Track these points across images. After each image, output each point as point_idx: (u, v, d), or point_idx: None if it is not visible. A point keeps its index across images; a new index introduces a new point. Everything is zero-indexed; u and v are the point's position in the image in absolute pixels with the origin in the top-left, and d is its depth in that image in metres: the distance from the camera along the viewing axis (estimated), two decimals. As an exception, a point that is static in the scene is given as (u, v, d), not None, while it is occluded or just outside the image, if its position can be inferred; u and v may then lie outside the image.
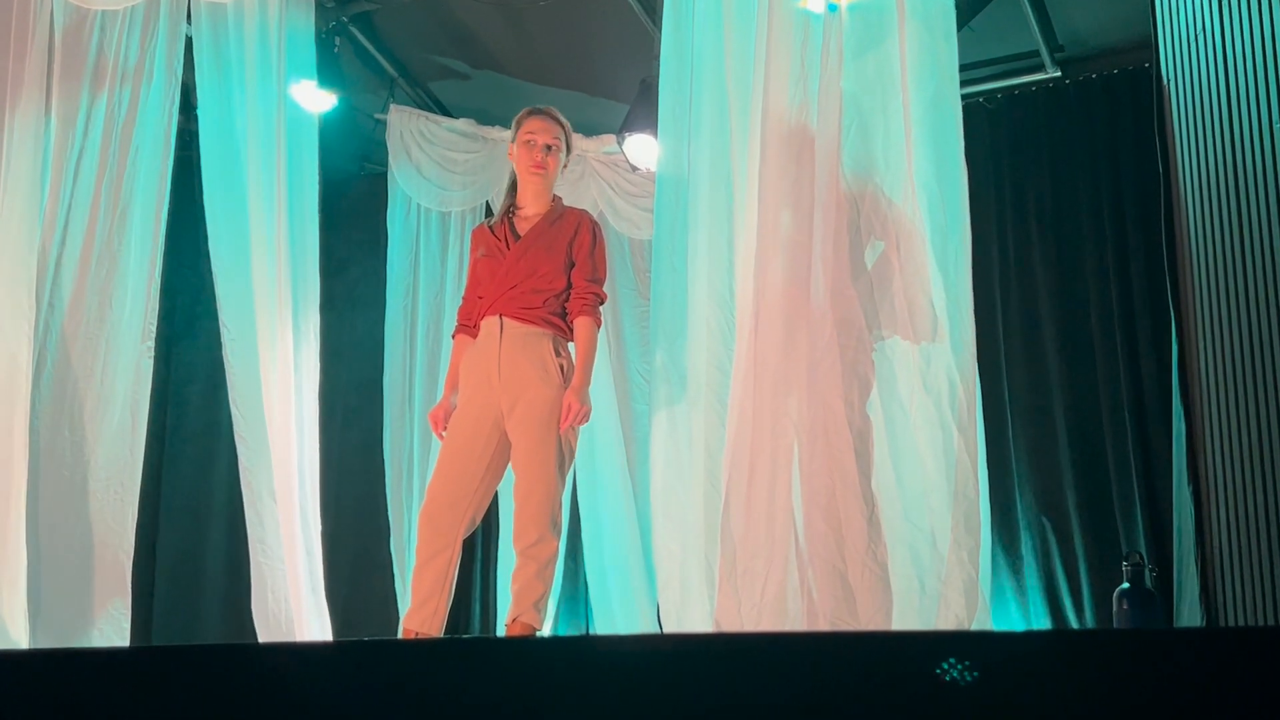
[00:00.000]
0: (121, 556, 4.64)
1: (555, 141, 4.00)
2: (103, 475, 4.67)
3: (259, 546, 4.74)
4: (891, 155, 3.79)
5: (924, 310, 3.69)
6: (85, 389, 4.69)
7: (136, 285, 4.80)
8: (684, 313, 4.08)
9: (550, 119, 4.02)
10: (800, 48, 3.84)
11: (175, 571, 6.66)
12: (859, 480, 3.51)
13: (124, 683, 2.23)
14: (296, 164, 4.93)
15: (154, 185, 4.84)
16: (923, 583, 3.53)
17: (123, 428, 4.72)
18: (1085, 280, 5.57)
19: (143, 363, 4.78)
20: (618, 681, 2.01)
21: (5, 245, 4.55)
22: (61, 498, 4.60)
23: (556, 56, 5.99)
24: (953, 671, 1.84)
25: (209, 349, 5.37)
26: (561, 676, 2.07)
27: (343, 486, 6.18)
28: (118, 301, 4.76)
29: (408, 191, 6.28)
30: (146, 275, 4.81)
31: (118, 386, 4.73)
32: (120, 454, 4.70)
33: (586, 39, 5.84)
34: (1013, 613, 5.34)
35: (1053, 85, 5.79)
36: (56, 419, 4.64)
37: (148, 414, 4.82)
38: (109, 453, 4.69)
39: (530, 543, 3.73)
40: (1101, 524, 5.32)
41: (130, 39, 4.87)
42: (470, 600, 6.23)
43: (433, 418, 4.01)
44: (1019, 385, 5.60)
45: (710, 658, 2.00)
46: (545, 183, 4.01)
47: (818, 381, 3.58)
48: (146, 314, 4.80)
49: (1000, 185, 5.83)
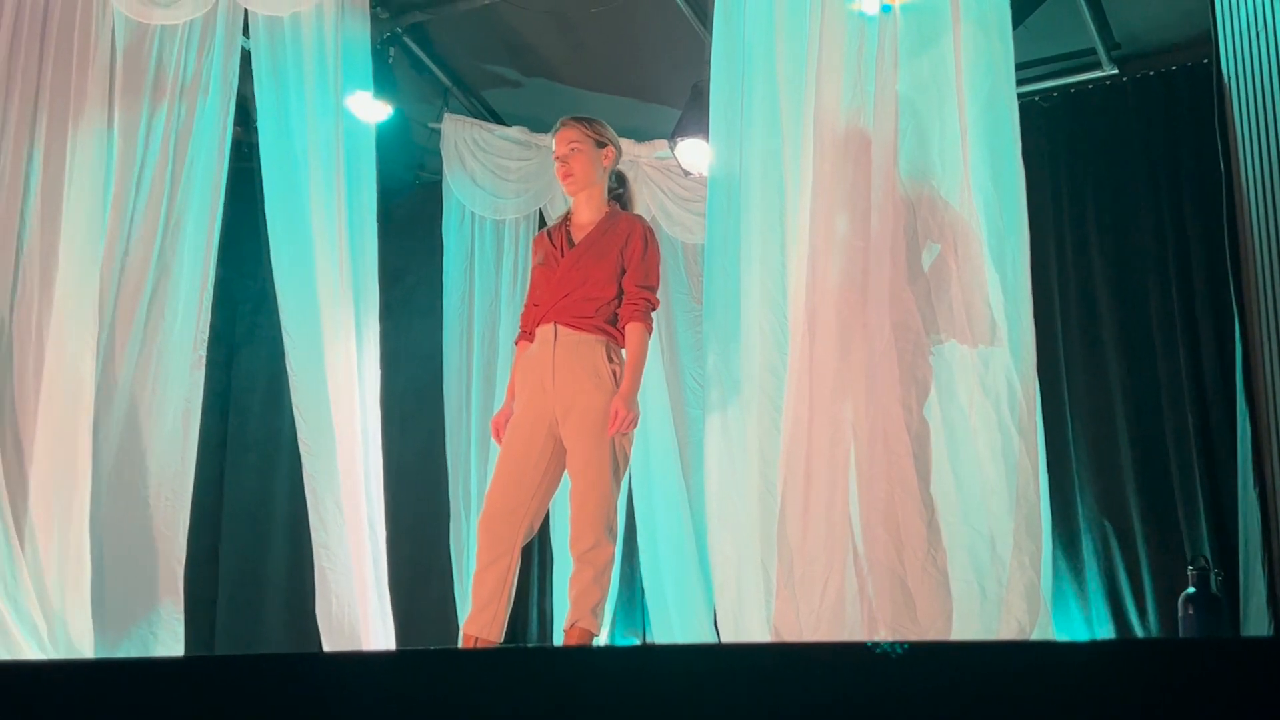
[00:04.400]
0: (174, 564, 4.71)
1: (573, 145, 4.03)
2: (154, 483, 4.73)
3: (323, 552, 4.78)
4: (948, 157, 3.76)
5: (981, 313, 3.66)
6: (139, 398, 4.76)
7: (189, 294, 4.86)
8: (737, 317, 4.07)
9: (563, 127, 4.06)
10: (855, 50, 3.81)
11: (237, 579, 6.74)
12: (918, 485, 3.48)
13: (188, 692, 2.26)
14: (354, 174, 4.97)
15: (208, 196, 4.91)
16: (983, 588, 3.50)
17: (175, 436, 4.79)
18: (1145, 280, 5.50)
19: (195, 371, 4.84)
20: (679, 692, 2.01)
21: (71, 258, 4.64)
22: (119, 506, 4.68)
23: (608, 63, 6.01)
24: (884, 645, 1.86)
25: (270, 358, 5.44)
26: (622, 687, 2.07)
27: (401, 492, 6.22)
28: (170, 311, 4.83)
29: (462, 199, 6.33)
30: (199, 284, 4.87)
31: (170, 395, 4.79)
32: (172, 462, 4.77)
33: (638, 45, 5.85)
34: (1074, 617, 5.28)
35: (1110, 83, 5.72)
36: (114, 428, 4.72)
37: (205, 422, 4.88)
38: (162, 461, 4.76)
39: (587, 548, 3.74)
40: (1164, 527, 5.24)
41: (188, 53, 4.94)
42: (528, 605, 6.25)
43: (494, 425, 4.03)
44: (1079, 387, 5.53)
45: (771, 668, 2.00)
46: (577, 186, 4.04)
47: (875, 386, 3.56)
48: (199, 323, 4.86)
49: (1057, 185, 5.77)
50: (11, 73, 4.74)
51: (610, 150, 4.09)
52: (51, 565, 4.45)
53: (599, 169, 4.05)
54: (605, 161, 4.07)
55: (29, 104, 4.74)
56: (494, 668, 2.25)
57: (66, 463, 4.52)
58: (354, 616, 4.72)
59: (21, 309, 4.64)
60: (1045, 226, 5.51)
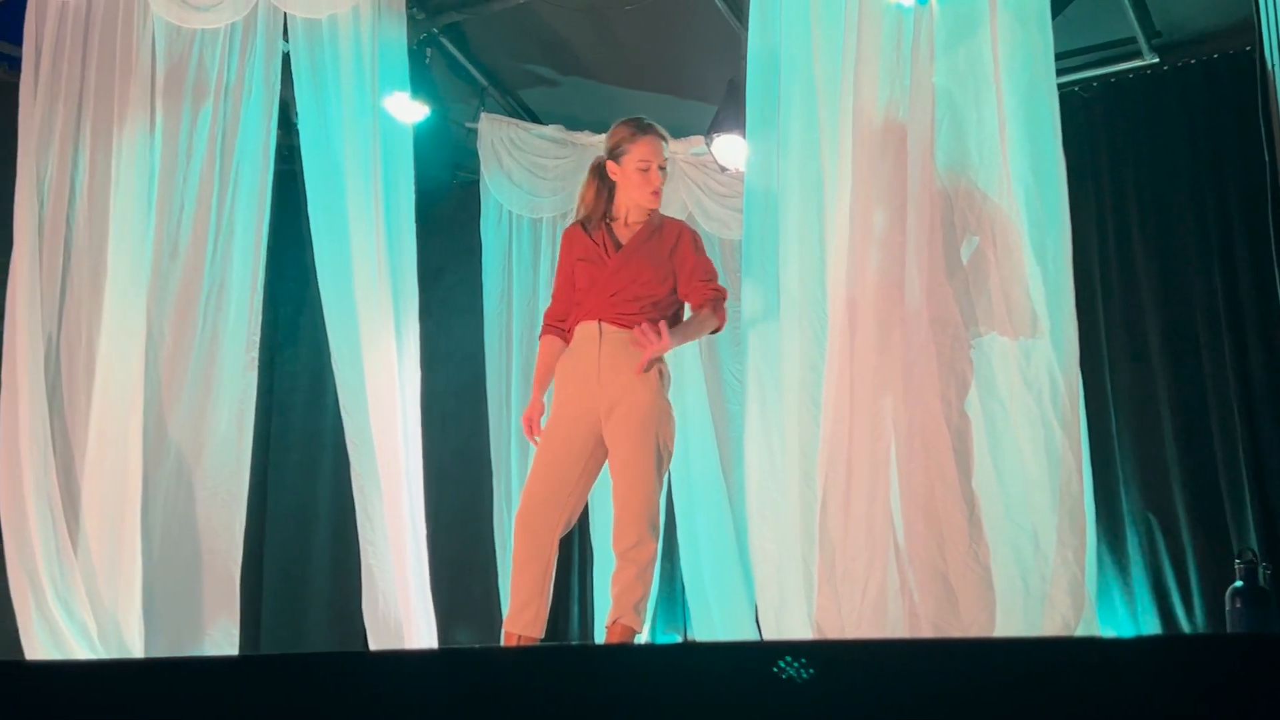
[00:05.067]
0: (230, 566, 4.75)
1: (666, 162, 4.02)
2: (210, 485, 4.79)
3: (370, 549, 4.82)
4: (986, 149, 3.74)
5: (1022, 305, 3.63)
6: (193, 401, 4.81)
7: (240, 297, 4.91)
8: (775, 313, 4.07)
9: (661, 139, 4.01)
10: (893, 43, 3.79)
11: (282, 578, 6.79)
12: (958, 479, 3.46)
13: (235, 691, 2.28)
14: (392, 175, 5.00)
15: (255, 198, 4.96)
16: (1026, 583, 3.47)
17: (229, 438, 4.84)
18: (1189, 271, 5.43)
19: (247, 373, 4.89)
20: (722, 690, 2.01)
21: (120, 264, 4.70)
22: (172, 509, 4.73)
23: (644, 60, 6.01)
24: (789, 670, 1.84)
25: (312, 358, 5.48)
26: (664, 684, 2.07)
27: (442, 490, 6.26)
28: (223, 314, 4.89)
29: (499, 198, 6.35)
30: (250, 286, 4.92)
31: (223, 397, 4.84)
32: (227, 464, 4.82)
33: (673, 41, 5.84)
34: (1119, 613, 5.23)
35: (1150, 72, 5.65)
36: (166, 431, 4.77)
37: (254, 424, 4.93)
38: (216, 463, 4.81)
39: (630, 545, 3.75)
40: (1210, 521, 5.17)
41: (230, 56, 4.99)
42: (569, 602, 6.26)
43: (526, 420, 4.04)
44: (1122, 379, 5.48)
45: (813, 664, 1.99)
46: (658, 203, 4.04)
47: (914, 380, 3.54)
48: (250, 325, 4.91)
49: (1098, 176, 5.71)
50: (55, 80, 4.82)
51: None
52: (104, 569, 4.52)
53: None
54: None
55: (73, 110, 4.82)
56: (537, 666, 2.27)
57: (118, 467, 4.59)
58: (398, 614, 4.76)
59: (70, 312, 4.71)
60: (1087, 218, 5.45)
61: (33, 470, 4.46)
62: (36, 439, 4.51)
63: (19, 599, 4.44)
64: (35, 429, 4.52)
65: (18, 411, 4.52)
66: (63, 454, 4.58)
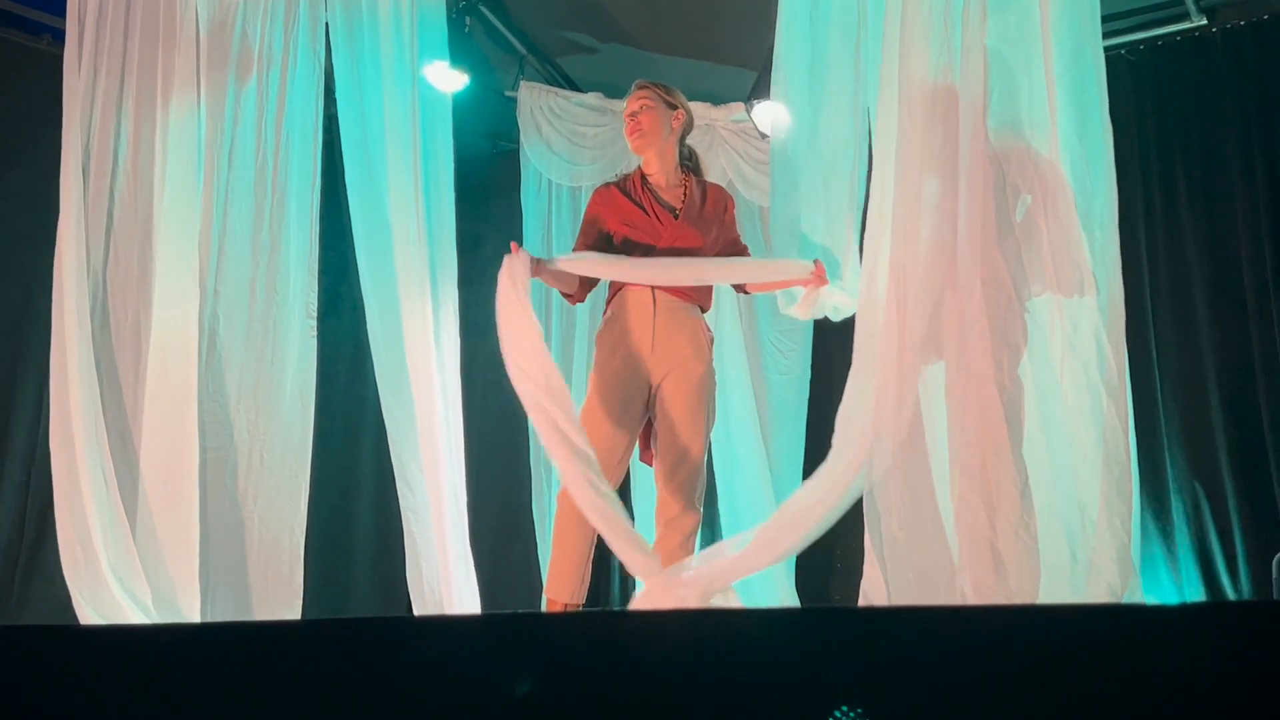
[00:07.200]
0: (297, 535, 4.82)
1: (643, 102, 4.07)
2: (278, 454, 4.84)
3: (411, 516, 4.86)
4: (1035, 113, 3.67)
5: (1072, 265, 3.57)
6: (256, 371, 4.86)
7: (298, 266, 4.96)
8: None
9: (635, 89, 4.11)
10: (942, 5, 3.71)
11: (326, 545, 6.84)
12: (1010, 449, 3.42)
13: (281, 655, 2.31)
14: (431, 144, 5.01)
15: (307, 167, 5.00)
16: (1073, 550, 3.45)
17: (293, 408, 4.90)
18: (1237, 238, 5.35)
19: (305, 342, 4.94)
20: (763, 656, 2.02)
21: (171, 237, 4.71)
22: (234, 480, 4.77)
23: (683, 26, 5.96)
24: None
25: (354, 326, 5.49)
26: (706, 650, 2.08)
27: (483, 457, 6.28)
28: (282, 283, 4.93)
29: (539, 167, 6.35)
30: (306, 255, 4.97)
31: (287, 367, 4.90)
32: (294, 434, 4.89)
33: (713, 7, 5.79)
34: (1164, 580, 5.20)
35: (1198, 34, 5.56)
36: (225, 402, 4.80)
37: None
38: (282, 434, 4.87)
39: (674, 514, 3.77)
40: (1257, 488, 5.12)
41: (273, 27, 5.00)
42: (610, 570, 6.28)
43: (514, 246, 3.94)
44: (1168, 346, 5.42)
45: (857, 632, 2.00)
46: (645, 142, 4.06)
47: (967, 348, 3.47)
48: (308, 293, 4.96)
49: (1145, 141, 5.63)
50: (99, 52, 4.83)
51: (681, 114, 4.10)
52: (162, 541, 4.55)
53: (667, 128, 4.06)
54: (675, 123, 4.08)
55: (115, 84, 4.82)
56: (579, 630, 2.28)
57: (174, 441, 4.61)
58: (439, 580, 4.79)
59: (116, 282, 4.72)
60: (1132, 183, 5.38)
61: (85, 444, 4.47)
62: (87, 413, 4.52)
63: (70, 568, 4.46)
64: (85, 401, 4.52)
65: (68, 383, 4.53)
66: (117, 427, 4.61)
